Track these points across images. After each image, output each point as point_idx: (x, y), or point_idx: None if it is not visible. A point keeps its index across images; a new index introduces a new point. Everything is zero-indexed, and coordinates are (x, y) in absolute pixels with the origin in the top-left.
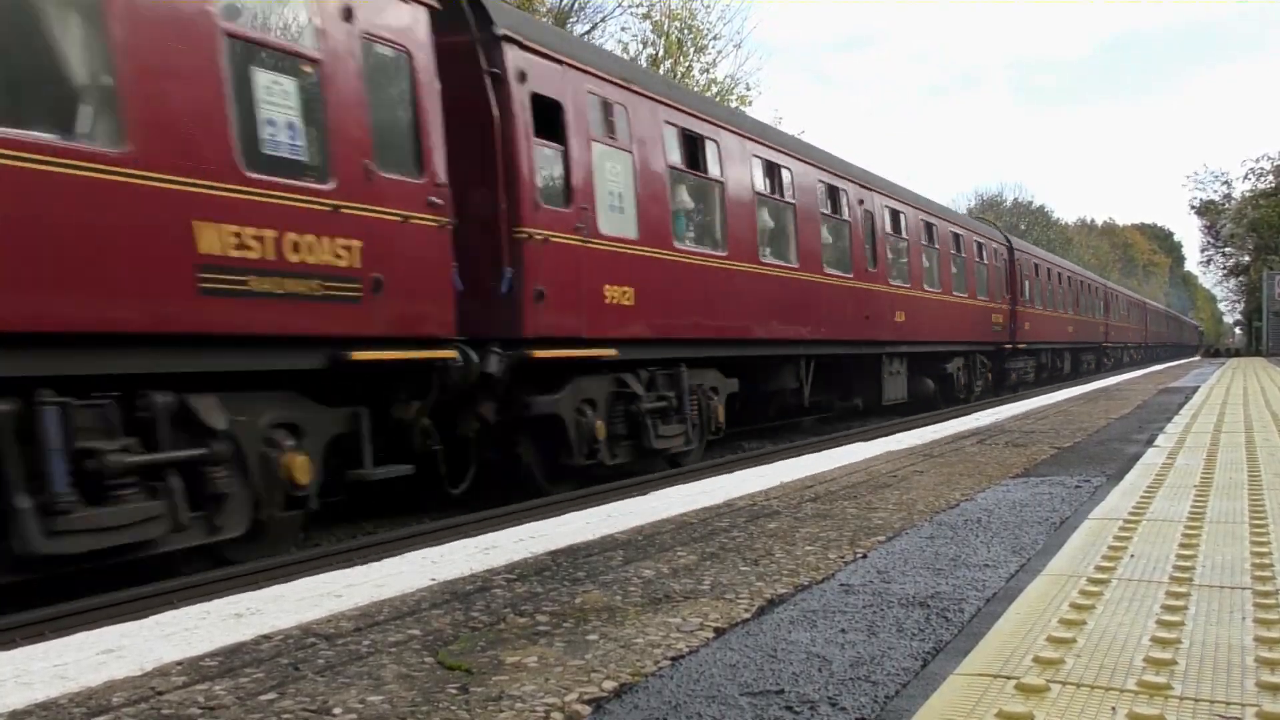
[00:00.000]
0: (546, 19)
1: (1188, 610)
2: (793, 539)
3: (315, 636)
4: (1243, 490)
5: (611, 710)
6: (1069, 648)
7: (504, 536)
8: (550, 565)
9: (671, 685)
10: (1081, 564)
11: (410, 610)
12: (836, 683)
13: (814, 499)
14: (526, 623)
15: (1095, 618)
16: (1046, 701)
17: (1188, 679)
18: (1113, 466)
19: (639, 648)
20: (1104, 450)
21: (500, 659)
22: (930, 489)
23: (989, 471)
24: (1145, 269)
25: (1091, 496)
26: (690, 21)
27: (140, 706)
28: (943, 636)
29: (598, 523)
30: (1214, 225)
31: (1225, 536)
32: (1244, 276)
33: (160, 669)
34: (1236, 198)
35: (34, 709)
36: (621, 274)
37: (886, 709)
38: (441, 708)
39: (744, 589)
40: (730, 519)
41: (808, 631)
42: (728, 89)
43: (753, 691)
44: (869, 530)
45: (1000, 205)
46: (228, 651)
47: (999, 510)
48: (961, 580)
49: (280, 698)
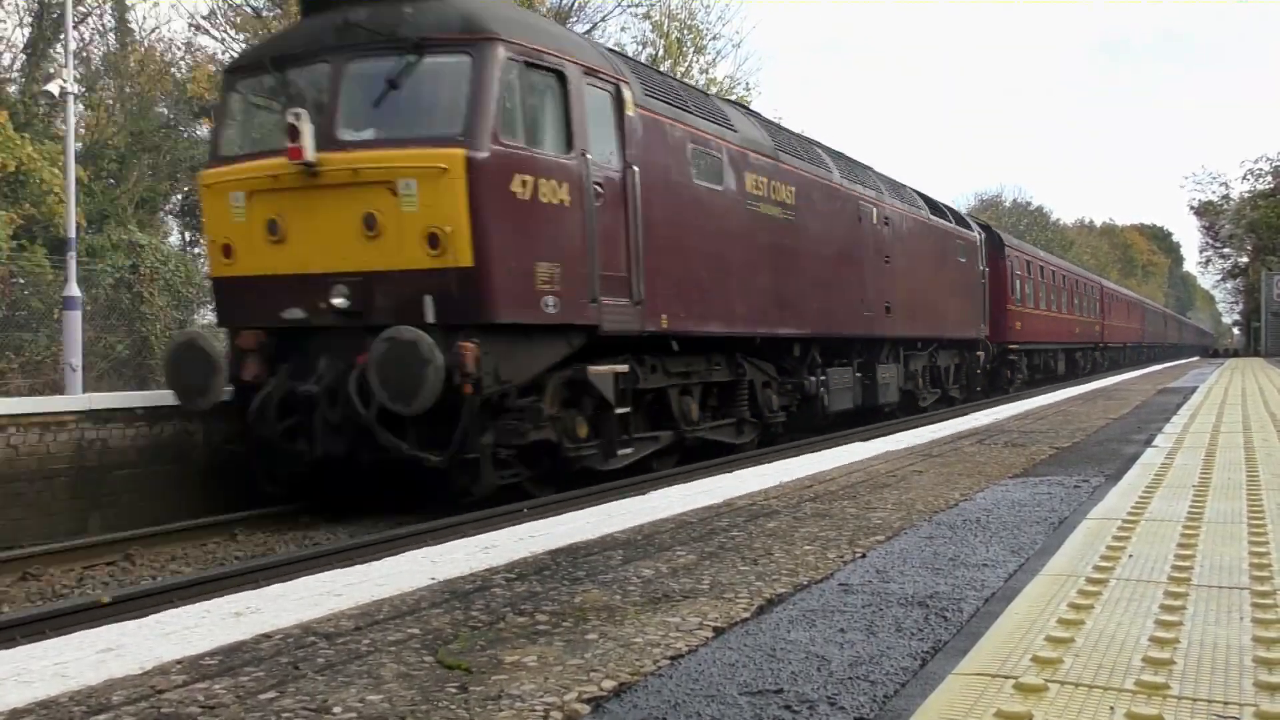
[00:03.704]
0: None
1: (1186, 610)
2: (792, 539)
3: (315, 635)
4: (1241, 490)
5: (611, 709)
6: (1067, 647)
7: (503, 536)
8: (550, 564)
9: (671, 684)
10: (1080, 564)
11: (410, 609)
12: (835, 682)
13: (813, 499)
14: (526, 622)
15: (1094, 618)
16: (1045, 701)
17: (1186, 679)
18: (1111, 466)
19: (638, 647)
20: (1103, 450)
21: (500, 658)
22: (929, 489)
23: (988, 471)
24: (1144, 269)
25: (1090, 496)
26: (690, 22)
27: (140, 705)
28: (941, 636)
29: (597, 522)
30: (1213, 226)
31: (1223, 537)
32: (1242, 278)
33: (160, 667)
34: (1235, 198)
35: (34, 707)
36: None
37: (885, 708)
38: (441, 707)
39: (743, 588)
40: (730, 518)
41: (807, 631)
42: (727, 89)
43: (752, 691)
44: (868, 530)
45: (999, 206)
46: (227, 650)
47: (998, 510)
48: (960, 580)
49: (280, 696)
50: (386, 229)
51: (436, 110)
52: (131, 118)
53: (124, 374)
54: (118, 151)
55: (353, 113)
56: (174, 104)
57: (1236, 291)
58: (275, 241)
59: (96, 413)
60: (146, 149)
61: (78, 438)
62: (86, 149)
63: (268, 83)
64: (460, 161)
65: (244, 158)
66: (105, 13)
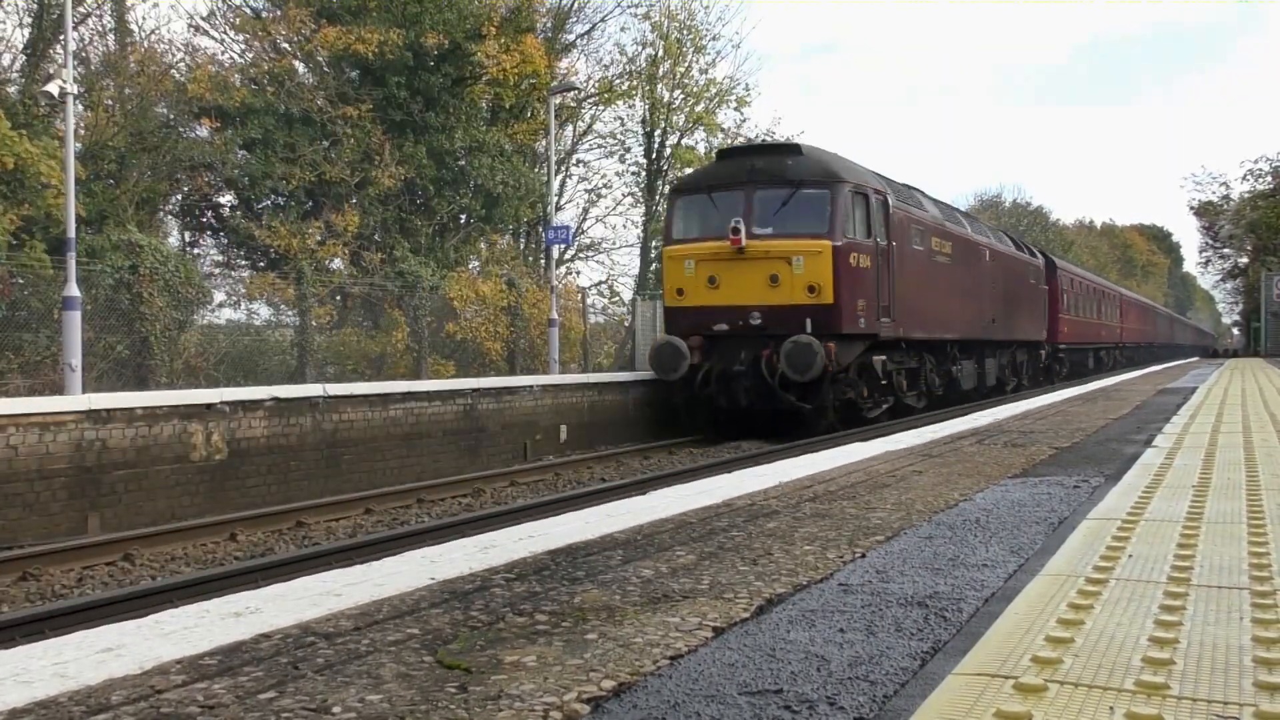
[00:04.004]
0: (546, 19)
1: (1186, 610)
2: (791, 539)
3: (314, 635)
4: (1240, 491)
5: (610, 709)
6: (1067, 647)
7: (503, 535)
8: (549, 564)
9: (670, 684)
10: (1080, 564)
11: (409, 609)
12: (835, 682)
13: (813, 499)
14: (525, 622)
15: (1093, 618)
16: (1045, 701)
17: (1185, 679)
18: (1111, 467)
19: (638, 647)
20: (1102, 450)
21: (499, 658)
22: (929, 489)
23: (988, 471)
24: (1144, 269)
25: (1090, 497)
26: (689, 22)
27: (140, 705)
28: (941, 636)
29: (597, 522)
30: (1212, 226)
31: (1223, 537)
32: (1242, 278)
33: (160, 667)
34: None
35: (33, 707)
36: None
37: (885, 709)
38: (440, 707)
39: (743, 588)
40: (729, 519)
41: (806, 631)
42: (727, 90)
43: (751, 691)
44: (868, 530)
45: (999, 206)
46: (227, 650)
47: (997, 510)
48: (960, 580)
49: (279, 696)
50: (784, 282)
51: (811, 219)
52: (131, 118)
53: (124, 374)
54: (117, 151)
55: (759, 219)
56: (174, 104)
57: (1236, 292)
58: (713, 288)
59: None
60: (146, 149)
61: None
62: (86, 149)
63: (700, 199)
64: (829, 248)
65: (689, 240)
66: (105, 13)
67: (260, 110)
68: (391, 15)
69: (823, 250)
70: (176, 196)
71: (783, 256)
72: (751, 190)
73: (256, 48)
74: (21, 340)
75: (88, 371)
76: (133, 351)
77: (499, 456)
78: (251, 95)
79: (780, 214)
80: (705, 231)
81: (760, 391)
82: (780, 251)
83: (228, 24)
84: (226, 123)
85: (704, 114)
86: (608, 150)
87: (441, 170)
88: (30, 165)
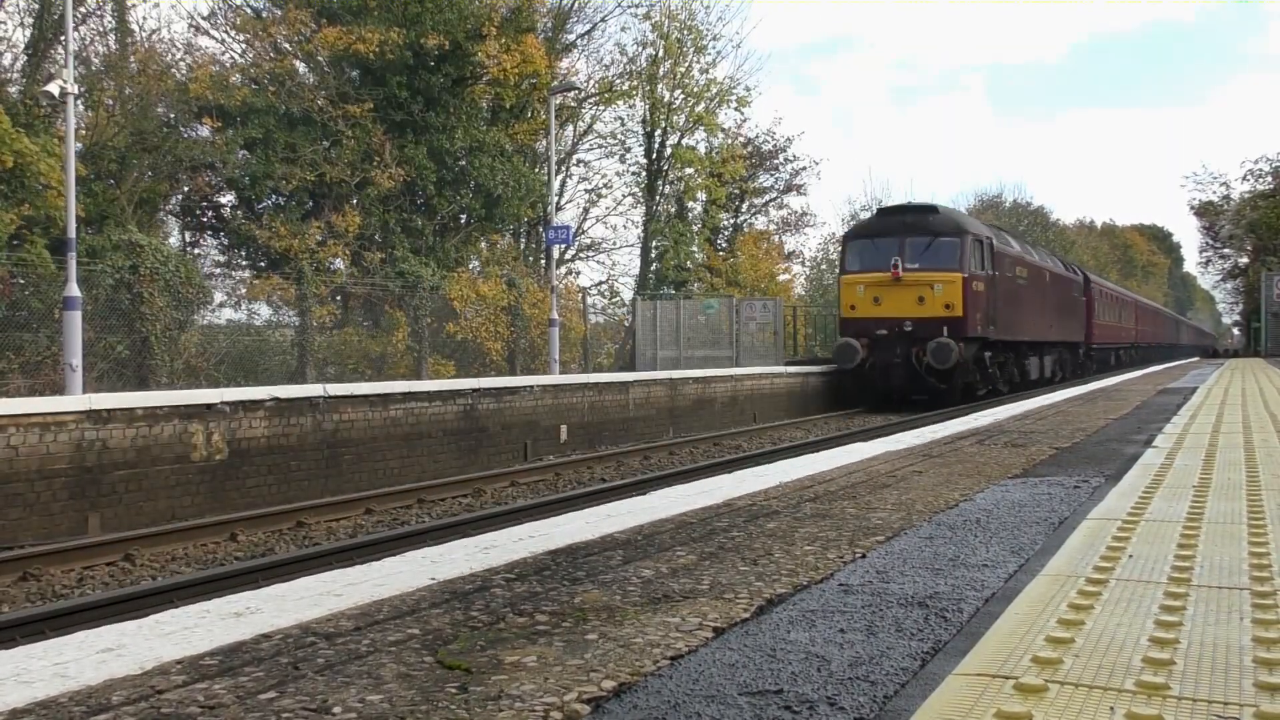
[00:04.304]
0: (546, 19)
1: (1186, 611)
2: (792, 539)
3: (315, 636)
4: (1241, 491)
5: (610, 710)
6: (1067, 648)
7: (503, 536)
8: (549, 565)
9: (671, 685)
10: (1080, 564)
11: (410, 609)
12: (835, 682)
13: (813, 499)
14: (526, 622)
15: (1094, 618)
16: (1045, 701)
17: (1186, 679)
18: (1111, 467)
19: (638, 647)
20: (1102, 450)
21: (499, 658)
22: (929, 489)
23: (988, 472)
24: (1144, 269)
25: (1090, 497)
26: (689, 22)
27: (140, 705)
28: (941, 636)
29: (597, 522)
30: (1213, 226)
31: (1223, 537)
32: (1242, 278)
33: (160, 668)
34: (1235, 199)
35: (34, 707)
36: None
37: (885, 709)
38: (441, 707)
39: (743, 589)
40: (730, 519)
41: (807, 631)
42: (727, 90)
43: (751, 691)
44: (868, 530)
45: (1000, 206)
46: (227, 650)
47: (998, 510)
48: (960, 580)
49: (280, 696)
50: (928, 301)
51: (946, 259)
52: (132, 118)
53: (124, 374)
54: (118, 151)
55: (910, 258)
56: (175, 104)
57: (1236, 292)
58: (877, 305)
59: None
60: (147, 149)
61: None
62: (87, 148)
63: (867, 243)
64: (960, 278)
65: (860, 272)
66: (106, 13)
67: (261, 110)
68: (392, 15)
69: (955, 280)
70: (177, 196)
71: (927, 284)
72: (904, 238)
73: (257, 47)
74: (22, 340)
75: (88, 371)
76: (133, 351)
77: (499, 457)
78: (252, 95)
79: (925, 254)
80: (872, 265)
81: (910, 376)
82: (926, 280)
83: (228, 24)
84: (227, 123)
85: (704, 114)
86: (608, 150)
87: (442, 170)
88: (30, 164)
